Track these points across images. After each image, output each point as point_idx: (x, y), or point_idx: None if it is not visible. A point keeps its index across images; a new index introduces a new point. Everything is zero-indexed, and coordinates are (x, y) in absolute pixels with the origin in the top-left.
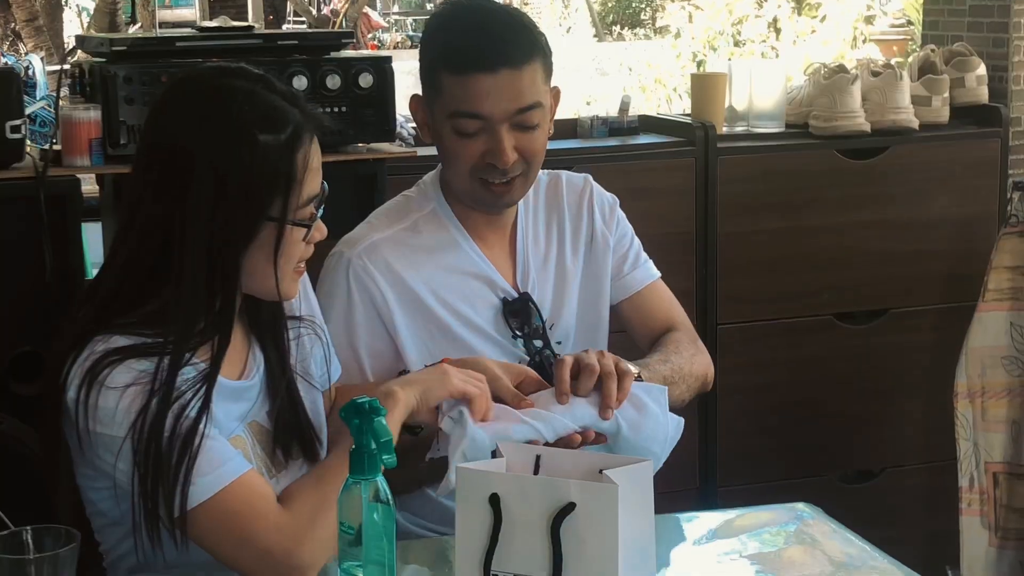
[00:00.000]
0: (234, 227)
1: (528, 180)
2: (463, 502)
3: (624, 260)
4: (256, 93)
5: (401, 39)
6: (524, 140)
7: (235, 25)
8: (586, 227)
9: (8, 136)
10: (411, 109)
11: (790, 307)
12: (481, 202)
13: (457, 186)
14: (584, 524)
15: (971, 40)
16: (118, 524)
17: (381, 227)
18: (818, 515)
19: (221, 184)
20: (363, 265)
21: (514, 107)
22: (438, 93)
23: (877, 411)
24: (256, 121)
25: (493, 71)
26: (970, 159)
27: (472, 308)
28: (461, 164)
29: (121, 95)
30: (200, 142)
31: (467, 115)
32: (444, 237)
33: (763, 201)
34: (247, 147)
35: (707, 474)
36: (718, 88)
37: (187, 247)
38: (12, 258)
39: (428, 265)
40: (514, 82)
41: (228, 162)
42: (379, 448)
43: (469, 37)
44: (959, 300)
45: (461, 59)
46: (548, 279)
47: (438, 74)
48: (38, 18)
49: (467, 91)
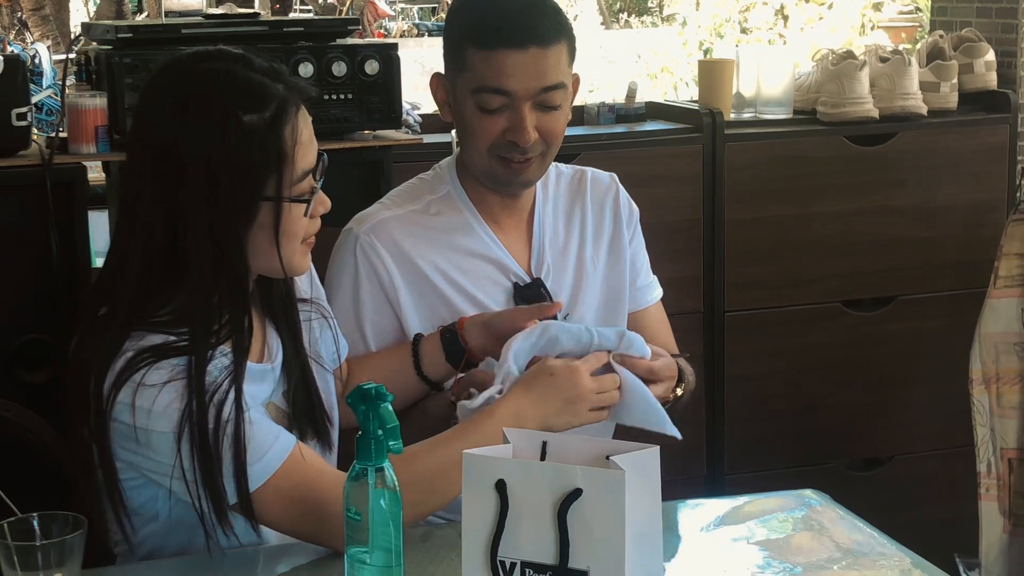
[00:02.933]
0: (232, 211)
1: (545, 162)
2: (469, 488)
3: (637, 274)
4: (235, 73)
5: (407, 27)
6: (545, 120)
7: (241, 12)
8: (608, 227)
9: (14, 124)
10: (432, 87)
11: (798, 294)
12: (497, 180)
13: (475, 163)
14: (591, 510)
15: (980, 26)
16: (137, 514)
17: (393, 206)
18: (826, 502)
19: (212, 171)
20: (370, 242)
21: (539, 85)
22: (463, 68)
23: (885, 399)
24: (238, 102)
25: (521, 47)
26: (979, 145)
27: (481, 290)
28: (480, 140)
29: (127, 82)
30: (185, 132)
31: (492, 90)
32: (457, 219)
33: (771, 188)
34: (232, 131)
35: (714, 461)
36: (726, 74)
37: (191, 238)
38: (18, 245)
39: (438, 245)
40: (540, 60)
41: (215, 148)
42: (386, 434)
43: (498, 13)
44: (968, 287)
45: (489, 34)
46: (567, 269)
47: (464, 49)
48: (45, 7)
49: (493, 66)
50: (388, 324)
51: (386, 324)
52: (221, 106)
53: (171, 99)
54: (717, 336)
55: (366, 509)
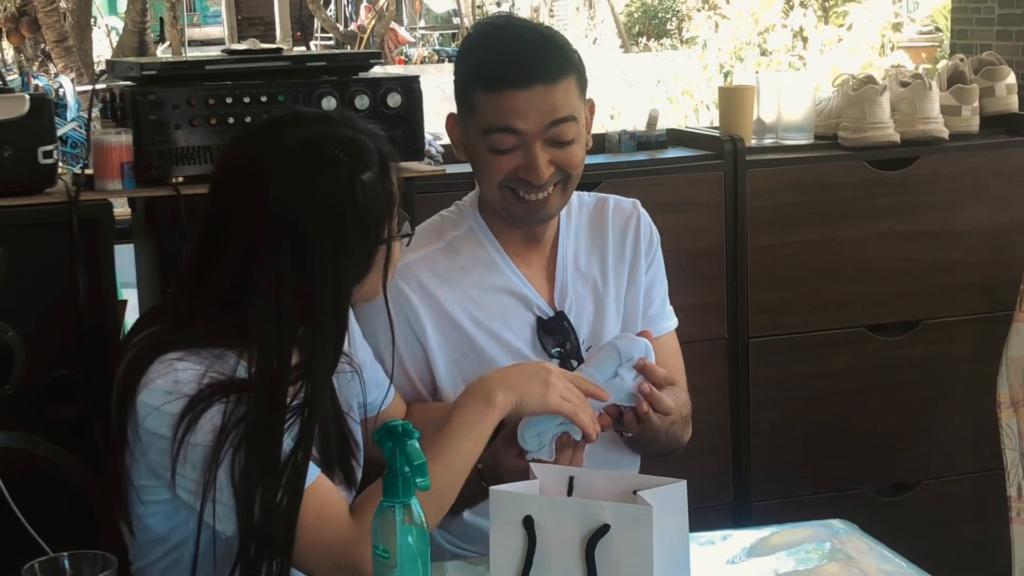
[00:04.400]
0: (355, 268)
1: (566, 193)
2: (497, 524)
3: (651, 302)
4: (339, 136)
5: (428, 54)
6: (560, 155)
7: (264, 48)
8: (629, 255)
9: (40, 162)
10: (447, 128)
11: (822, 319)
12: (514, 216)
13: (490, 199)
14: (619, 546)
15: (1000, 49)
16: (164, 541)
17: (416, 247)
18: (853, 531)
19: (341, 241)
20: (397, 285)
21: (547, 120)
22: (472, 111)
23: (911, 423)
24: (354, 166)
25: (526, 87)
26: (1001, 168)
27: (507, 327)
28: (493, 178)
29: (151, 119)
30: (316, 211)
31: (501, 130)
32: (480, 255)
33: (793, 213)
34: (358, 191)
35: (741, 489)
36: (746, 101)
37: (317, 303)
38: (45, 282)
39: (463, 284)
40: (547, 96)
41: (344, 211)
42: (413, 471)
43: (501, 55)
44: (993, 310)
45: (494, 76)
46: (588, 300)
47: (472, 93)
48: (68, 39)
49: (501, 107)
50: (422, 366)
51: (422, 366)
52: (345, 170)
53: (288, 174)
54: (741, 362)
55: (394, 546)
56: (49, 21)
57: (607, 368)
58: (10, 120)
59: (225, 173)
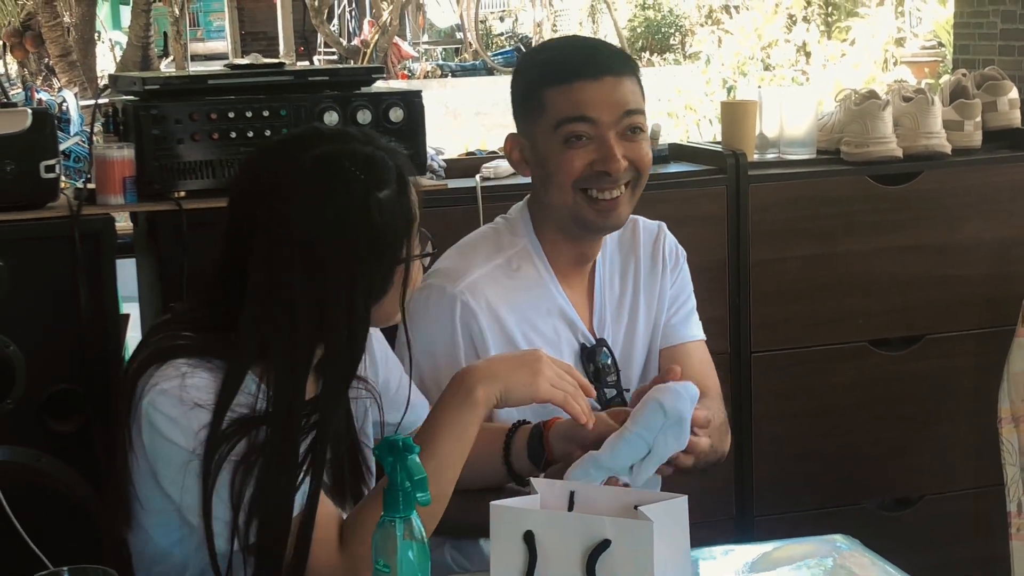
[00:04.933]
0: (371, 288)
1: (634, 197)
2: (497, 539)
3: (676, 312)
4: (353, 153)
5: (431, 68)
6: (632, 148)
7: (266, 62)
8: (657, 276)
9: (43, 176)
10: (506, 149)
11: (824, 334)
12: (583, 223)
13: (559, 206)
14: (620, 561)
15: (1003, 64)
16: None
17: (479, 262)
18: (856, 547)
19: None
20: (467, 302)
21: (620, 111)
22: (540, 112)
23: (914, 438)
24: (370, 181)
25: (597, 78)
26: (1004, 183)
27: (556, 351)
28: (566, 176)
29: (154, 133)
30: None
31: (575, 119)
32: (534, 275)
33: (795, 228)
34: (375, 209)
35: (743, 503)
36: (748, 116)
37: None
38: (47, 297)
39: (521, 305)
40: (617, 88)
41: (360, 230)
42: (414, 486)
43: (569, 52)
44: (995, 325)
45: (563, 70)
46: (621, 326)
47: (539, 93)
48: (71, 53)
49: (573, 98)
50: None
51: None
52: (360, 189)
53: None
54: (744, 377)
55: (394, 561)
56: (53, 36)
57: (654, 425)
58: (12, 134)
59: (242, 190)
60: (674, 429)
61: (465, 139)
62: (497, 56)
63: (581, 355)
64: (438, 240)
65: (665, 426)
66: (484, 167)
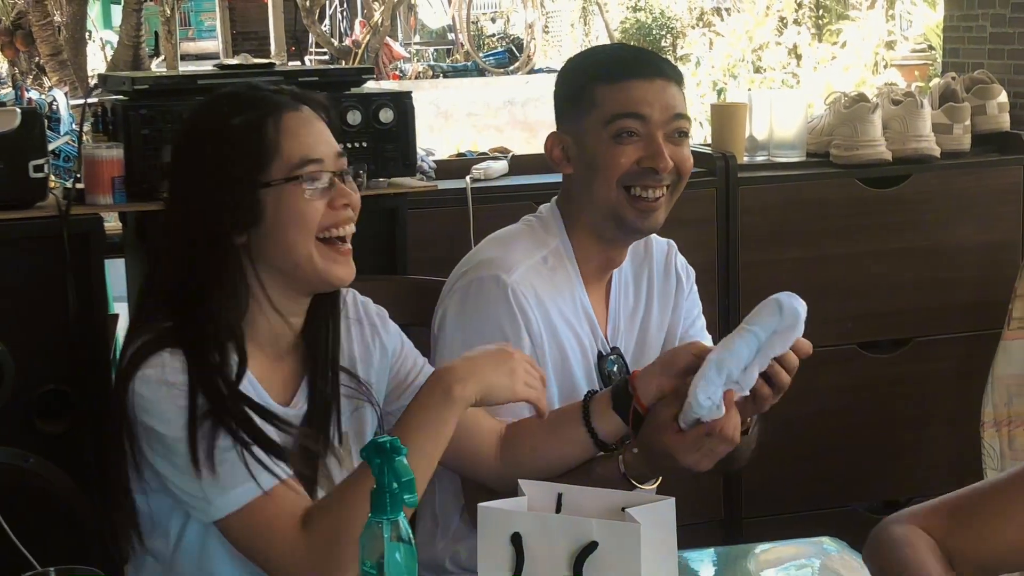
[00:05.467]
0: (239, 213)
1: (671, 201)
2: (485, 541)
3: (690, 325)
4: (240, 93)
5: (422, 69)
6: (677, 152)
7: (256, 62)
8: (674, 292)
9: (31, 175)
10: (547, 148)
11: (814, 337)
12: (623, 223)
13: (602, 203)
14: (607, 563)
15: (992, 67)
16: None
17: (521, 255)
18: (843, 549)
19: (210, 182)
20: (523, 292)
21: (670, 113)
22: (592, 108)
23: (903, 441)
24: (230, 111)
25: (650, 79)
26: (992, 186)
27: (583, 353)
28: (612, 172)
29: (143, 133)
30: (187, 159)
31: (627, 116)
32: (565, 275)
33: (785, 231)
34: (221, 131)
35: (732, 505)
36: (738, 118)
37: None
38: (36, 296)
39: (557, 301)
40: (668, 90)
41: (209, 159)
42: (401, 488)
43: (623, 53)
44: (983, 328)
45: (619, 69)
46: (632, 336)
47: (593, 90)
48: (62, 52)
49: (627, 95)
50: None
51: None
52: (214, 116)
53: (184, 125)
54: None
55: (382, 563)
56: (44, 35)
57: (769, 323)
58: (1, 134)
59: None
60: (784, 333)
61: (456, 140)
62: (489, 57)
63: (597, 363)
64: (429, 239)
65: (778, 326)
66: (474, 168)
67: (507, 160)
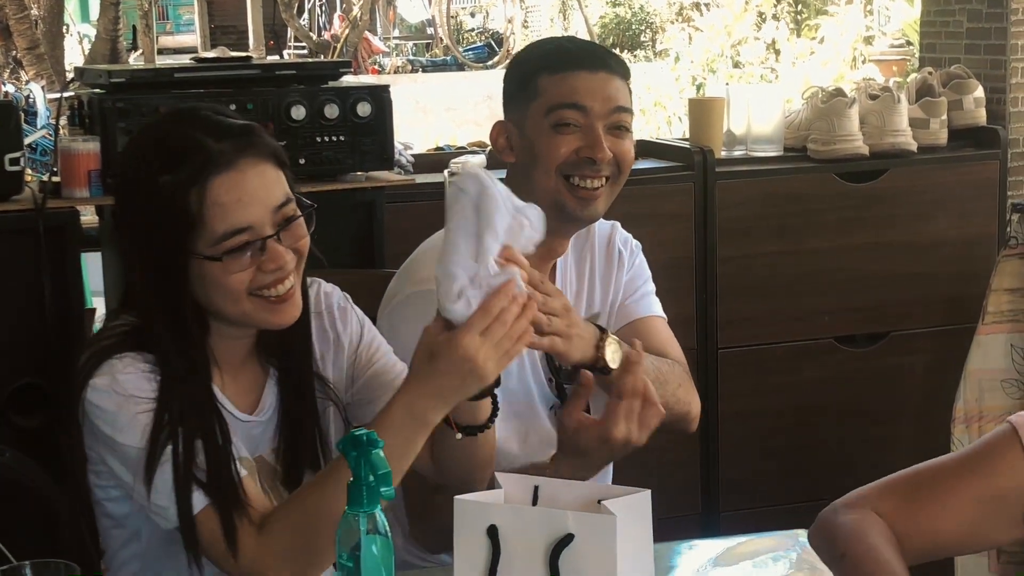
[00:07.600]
0: (165, 268)
1: (612, 193)
2: (461, 533)
3: (631, 294)
4: (171, 139)
5: (401, 63)
6: (617, 144)
7: (233, 56)
8: (615, 271)
9: (7, 169)
10: (492, 136)
11: (791, 331)
12: (563, 211)
13: (541, 191)
14: (583, 555)
15: (969, 62)
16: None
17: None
18: None
19: (143, 231)
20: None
21: (612, 105)
22: (534, 97)
23: (879, 435)
24: (160, 166)
25: (594, 71)
26: (969, 181)
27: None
28: (550, 161)
29: (119, 126)
30: (121, 193)
31: (568, 106)
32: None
33: (762, 225)
34: (149, 189)
35: (709, 499)
36: (716, 113)
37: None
38: (11, 290)
39: None
40: (612, 83)
41: (138, 207)
42: (377, 480)
43: (570, 45)
44: (960, 322)
45: (564, 59)
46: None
47: (537, 78)
48: (39, 46)
49: (570, 85)
50: None
51: None
52: (145, 166)
53: (121, 158)
54: (711, 373)
55: (358, 555)
56: (20, 28)
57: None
58: None
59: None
60: (480, 204)
61: (435, 134)
62: (468, 52)
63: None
64: (406, 234)
65: (467, 204)
66: (452, 162)
67: (485, 154)
